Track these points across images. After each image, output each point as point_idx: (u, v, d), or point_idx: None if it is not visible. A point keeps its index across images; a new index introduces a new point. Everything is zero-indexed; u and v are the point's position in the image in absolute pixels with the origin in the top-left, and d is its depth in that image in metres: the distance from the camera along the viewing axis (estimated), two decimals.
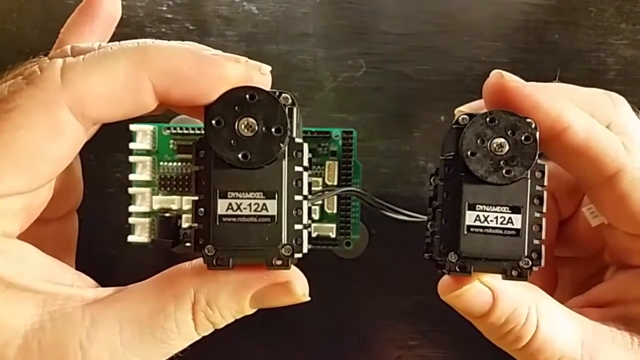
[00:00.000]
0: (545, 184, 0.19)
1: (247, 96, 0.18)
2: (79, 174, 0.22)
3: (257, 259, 0.18)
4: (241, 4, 0.32)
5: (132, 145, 0.28)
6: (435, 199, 0.21)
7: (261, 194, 0.18)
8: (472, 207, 0.19)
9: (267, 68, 0.19)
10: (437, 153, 0.21)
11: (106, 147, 0.30)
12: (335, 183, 0.28)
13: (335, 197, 0.28)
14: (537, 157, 0.19)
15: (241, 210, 0.18)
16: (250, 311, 0.19)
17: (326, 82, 0.32)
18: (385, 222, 0.25)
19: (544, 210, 0.19)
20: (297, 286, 0.19)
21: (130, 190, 0.29)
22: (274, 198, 0.18)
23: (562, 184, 0.24)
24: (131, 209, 0.28)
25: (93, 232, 0.28)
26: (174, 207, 0.28)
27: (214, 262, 0.18)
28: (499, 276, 0.19)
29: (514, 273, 0.19)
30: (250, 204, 0.18)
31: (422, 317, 0.33)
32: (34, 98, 0.17)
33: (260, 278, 0.19)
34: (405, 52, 0.32)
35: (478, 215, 0.19)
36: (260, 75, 0.19)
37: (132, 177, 0.28)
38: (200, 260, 0.19)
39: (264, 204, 0.18)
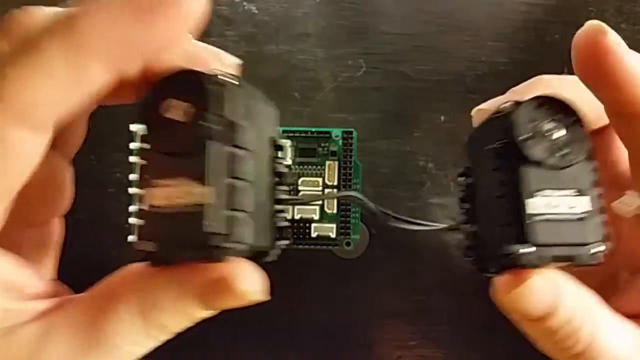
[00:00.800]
0: (597, 165, 0.19)
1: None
2: (66, 180, 0.21)
3: (190, 254, 0.16)
4: (241, 4, 0.32)
5: (132, 145, 0.28)
6: (468, 200, 0.20)
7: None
8: (532, 194, 0.18)
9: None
10: (437, 153, 0.21)
11: (106, 147, 0.30)
12: (335, 183, 0.28)
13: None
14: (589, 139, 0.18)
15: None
16: (201, 316, 0.17)
17: (326, 82, 0.32)
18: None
19: (601, 191, 0.18)
20: (238, 283, 0.16)
21: (130, 190, 0.28)
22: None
23: None
24: (131, 209, 0.28)
25: (93, 232, 0.28)
26: None
27: (156, 259, 0.17)
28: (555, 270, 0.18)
29: (587, 259, 0.18)
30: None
31: (422, 317, 0.33)
32: None
33: (202, 277, 0.16)
34: (405, 52, 0.32)
35: (541, 202, 0.18)
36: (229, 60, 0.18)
37: (132, 177, 0.28)
38: (136, 266, 0.18)
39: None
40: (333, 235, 0.28)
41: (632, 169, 0.20)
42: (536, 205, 0.18)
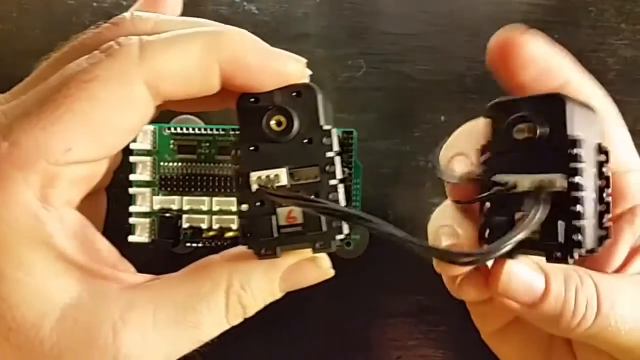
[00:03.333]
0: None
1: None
2: (120, 152, 0.22)
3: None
4: (241, 4, 0.32)
5: (132, 145, 0.28)
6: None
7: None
8: None
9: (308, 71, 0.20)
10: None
11: None
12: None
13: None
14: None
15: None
16: (279, 294, 0.20)
17: (326, 82, 0.32)
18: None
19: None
20: (323, 260, 0.20)
21: (131, 190, 0.29)
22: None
23: None
24: (131, 209, 0.28)
25: None
26: (174, 207, 0.28)
27: (263, 251, 0.19)
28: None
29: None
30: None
31: (422, 317, 0.33)
32: (112, 70, 0.17)
33: (289, 257, 0.19)
34: (405, 52, 0.32)
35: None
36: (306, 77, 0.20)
37: (132, 177, 0.28)
38: (229, 250, 0.20)
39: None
40: None
41: None
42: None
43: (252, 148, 0.19)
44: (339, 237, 0.19)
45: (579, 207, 0.18)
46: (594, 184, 0.19)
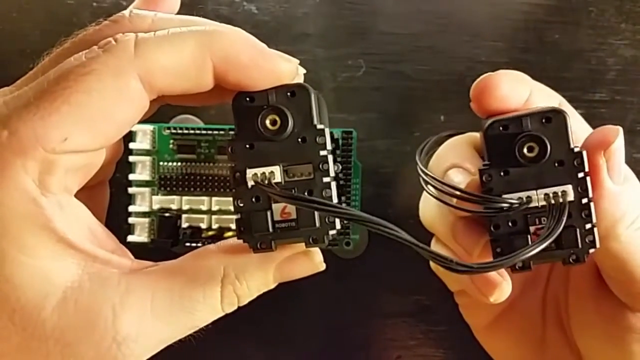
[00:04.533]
0: None
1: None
2: (121, 145, 0.23)
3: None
4: (241, 4, 0.32)
5: (132, 145, 0.28)
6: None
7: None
8: None
9: (302, 70, 0.21)
10: None
11: None
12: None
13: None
14: None
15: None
16: (272, 284, 0.21)
17: (326, 82, 0.32)
18: None
19: None
20: (316, 254, 0.21)
21: (130, 190, 0.29)
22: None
23: None
24: (131, 208, 0.28)
25: None
26: (174, 207, 0.28)
27: (258, 245, 0.20)
28: None
29: None
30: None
31: (422, 317, 0.33)
32: (108, 64, 0.18)
33: (283, 250, 0.20)
34: (405, 52, 0.32)
35: None
36: (299, 76, 0.21)
37: (132, 177, 0.28)
38: (226, 241, 0.21)
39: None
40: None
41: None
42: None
43: (247, 146, 0.20)
44: (332, 232, 0.20)
45: (589, 212, 0.20)
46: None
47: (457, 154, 0.23)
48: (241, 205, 0.20)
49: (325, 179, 0.20)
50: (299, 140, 0.20)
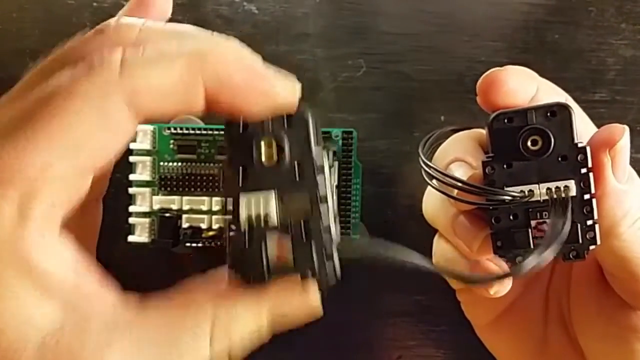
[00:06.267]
0: None
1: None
2: (110, 165, 0.22)
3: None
4: (241, 4, 0.32)
5: (132, 145, 0.28)
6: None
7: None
8: None
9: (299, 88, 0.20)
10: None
11: None
12: (336, 183, 0.28)
13: (335, 197, 0.28)
14: None
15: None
16: (266, 331, 0.20)
17: (326, 82, 0.32)
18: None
19: None
20: (311, 290, 0.19)
21: (131, 190, 0.29)
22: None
23: None
24: (131, 209, 0.28)
25: None
26: (174, 207, 0.28)
27: (251, 278, 0.19)
28: None
29: None
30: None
31: (422, 317, 0.33)
32: (91, 88, 0.17)
33: (275, 285, 0.19)
34: (405, 52, 0.32)
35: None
36: (295, 97, 0.20)
37: (132, 177, 0.28)
38: (215, 275, 0.19)
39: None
40: None
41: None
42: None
43: (240, 174, 0.19)
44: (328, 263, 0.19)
45: (590, 208, 0.20)
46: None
47: (461, 148, 0.23)
48: (233, 235, 0.19)
49: (323, 209, 0.19)
50: (296, 168, 0.19)
